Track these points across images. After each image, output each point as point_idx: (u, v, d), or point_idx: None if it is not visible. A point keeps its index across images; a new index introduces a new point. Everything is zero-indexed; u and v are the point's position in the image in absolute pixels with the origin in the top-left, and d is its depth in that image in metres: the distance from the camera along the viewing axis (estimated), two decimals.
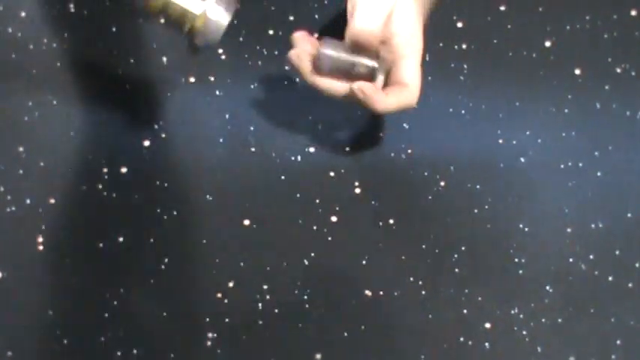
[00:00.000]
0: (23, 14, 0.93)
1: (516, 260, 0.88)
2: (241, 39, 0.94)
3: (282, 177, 0.89)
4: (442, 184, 0.90)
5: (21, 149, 0.90)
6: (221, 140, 0.91)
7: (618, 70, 0.95)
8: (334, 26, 0.92)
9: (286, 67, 0.92)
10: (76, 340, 0.84)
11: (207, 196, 0.89)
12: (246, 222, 0.88)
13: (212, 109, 0.92)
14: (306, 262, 0.86)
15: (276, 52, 0.93)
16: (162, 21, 0.81)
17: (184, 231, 0.88)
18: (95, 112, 0.92)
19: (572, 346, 0.86)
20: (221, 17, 0.80)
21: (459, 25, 0.95)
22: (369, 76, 0.84)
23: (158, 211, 0.88)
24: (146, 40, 0.93)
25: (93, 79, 0.93)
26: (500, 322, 0.86)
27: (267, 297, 0.85)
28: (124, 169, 0.90)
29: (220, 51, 0.93)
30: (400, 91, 0.84)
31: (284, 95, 0.93)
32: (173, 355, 0.83)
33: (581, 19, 0.96)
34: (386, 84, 0.86)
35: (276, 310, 0.85)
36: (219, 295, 0.85)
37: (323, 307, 0.86)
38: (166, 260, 0.86)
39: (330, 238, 0.87)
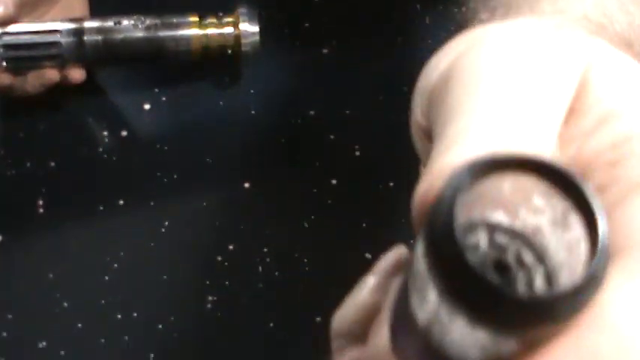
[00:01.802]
0: None
1: None
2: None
3: (283, 140, 0.89)
4: None
5: (20, 112, 0.90)
6: (221, 103, 0.91)
7: None
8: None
9: (286, 31, 0.92)
10: (76, 303, 0.84)
11: (208, 159, 0.89)
12: (247, 185, 0.88)
13: (212, 72, 0.92)
14: (306, 225, 0.86)
15: (277, 17, 0.92)
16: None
17: (184, 194, 0.88)
18: (95, 75, 0.92)
19: None
20: (251, 28, 0.86)
21: None
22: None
23: (158, 174, 0.88)
24: (152, 3, 0.93)
25: None
26: None
27: (267, 260, 0.85)
28: (124, 133, 0.90)
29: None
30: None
31: (283, 57, 0.93)
32: (173, 318, 0.83)
33: None
34: None
35: (277, 273, 0.85)
36: (219, 258, 0.85)
37: (323, 269, 0.85)
38: (166, 223, 0.86)
39: (330, 201, 0.87)
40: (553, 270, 0.26)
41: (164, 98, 0.91)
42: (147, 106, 0.90)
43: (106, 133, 0.89)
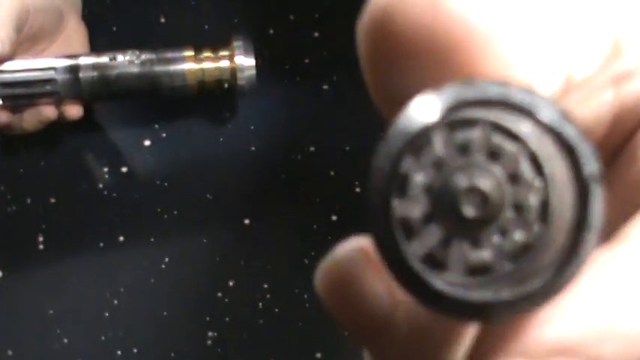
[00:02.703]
0: None
1: None
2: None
3: (283, 176, 0.89)
4: None
5: (21, 148, 0.91)
6: (221, 139, 0.91)
7: None
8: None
9: (286, 67, 0.92)
10: (76, 340, 0.84)
11: (208, 195, 0.89)
12: (247, 221, 0.88)
13: (210, 106, 0.92)
14: (307, 262, 0.86)
15: (276, 52, 0.93)
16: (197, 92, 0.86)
17: (185, 230, 0.88)
18: (95, 111, 0.92)
19: None
20: (247, 61, 0.85)
21: None
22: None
23: (158, 210, 0.88)
24: (147, 36, 0.93)
25: None
26: None
27: (268, 296, 0.85)
28: (124, 169, 0.90)
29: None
30: None
31: (284, 94, 0.93)
32: (173, 355, 0.83)
33: None
34: None
35: (277, 310, 0.85)
36: (220, 294, 0.85)
37: (324, 306, 0.85)
38: (166, 259, 0.86)
39: (330, 237, 0.87)
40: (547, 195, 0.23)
41: (164, 134, 0.91)
42: (147, 143, 0.90)
43: (106, 169, 0.90)
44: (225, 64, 0.86)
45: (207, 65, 0.86)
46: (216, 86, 0.87)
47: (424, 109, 0.22)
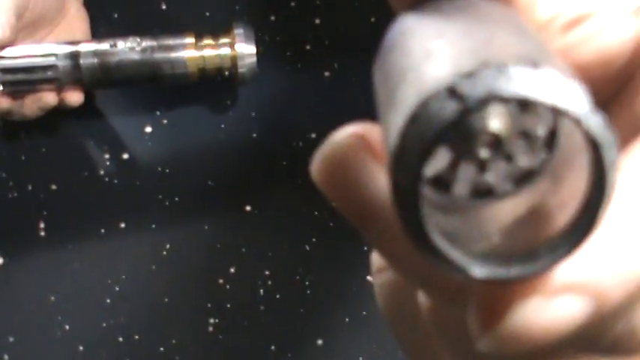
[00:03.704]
0: None
1: None
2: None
3: (284, 162, 0.89)
4: None
5: (22, 135, 0.91)
6: (222, 126, 0.91)
7: None
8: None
9: (287, 53, 0.92)
10: (77, 326, 0.84)
11: (209, 182, 0.89)
12: (248, 208, 0.88)
13: (212, 93, 0.92)
14: (307, 248, 0.86)
15: (277, 38, 0.92)
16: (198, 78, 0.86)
17: (186, 217, 0.88)
18: (96, 98, 0.92)
19: None
20: (248, 49, 0.85)
21: None
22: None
23: (159, 197, 0.88)
24: (148, 23, 0.93)
25: None
26: None
27: (269, 282, 0.85)
28: (125, 155, 0.90)
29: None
30: None
31: (285, 81, 0.93)
32: (175, 341, 0.83)
33: None
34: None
35: (278, 296, 0.85)
36: (221, 280, 0.85)
37: (325, 292, 0.85)
38: (168, 246, 0.86)
39: (331, 224, 0.87)
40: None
41: (165, 121, 0.91)
42: (148, 129, 0.90)
43: (107, 156, 0.90)
44: (226, 51, 0.86)
45: (208, 53, 0.86)
46: (217, 73, 0.87)
47: (459, 94, 0.21)
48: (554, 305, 0.24)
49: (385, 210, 0.25)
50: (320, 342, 0.83)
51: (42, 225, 0.87)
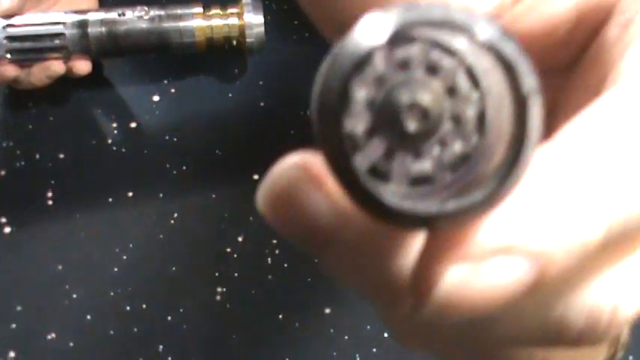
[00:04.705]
0: None
1: None
2: None
3: (292, 131, 0.89)
4: None
5: (30, 104, 0.91)
6: (230, 95, 0.91)
7: None
8: None
9: (295, 22, 0.92)
10: (85, 295, 0.84)
11: (217, 151, 0.89)
12: (256, 176, 0.87)
13: (220, 63, 0.92)
14: None
15: (284, 7, 0.92)
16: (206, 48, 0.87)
17: (193, 186, 0.88)
18: (103, 67, 0.92)
19: None
20: (255, 19, 0.86)
21: None
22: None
23: (167, 165, 0.88)
24: None
25: None
26: None
27: (277, 252, 0.85)
28: (133, 124, 0.90)
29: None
30: None
31: (293, 49, 0.92)
32: (182, 310, 0.83)
33: None
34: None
35: (286, 265, 0.85)
36: (229, 249, 0.85)
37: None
38: (175, 215, 0.86)
39: None
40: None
41: (173, 90, 0.90)
42: (156, 98, 0.90)
43: (115, 125, 0.89)
44: (234, 21, 0.86)
45: (216, 22, 0.86)
46: (224, 43, 0.86)
47: (371, 30, 0.22)
48: (484, 269, 0.23)
49: (334, 237, 0.25)
50: (328, 311, 0.83)
51: (50, 194, 0.87)
